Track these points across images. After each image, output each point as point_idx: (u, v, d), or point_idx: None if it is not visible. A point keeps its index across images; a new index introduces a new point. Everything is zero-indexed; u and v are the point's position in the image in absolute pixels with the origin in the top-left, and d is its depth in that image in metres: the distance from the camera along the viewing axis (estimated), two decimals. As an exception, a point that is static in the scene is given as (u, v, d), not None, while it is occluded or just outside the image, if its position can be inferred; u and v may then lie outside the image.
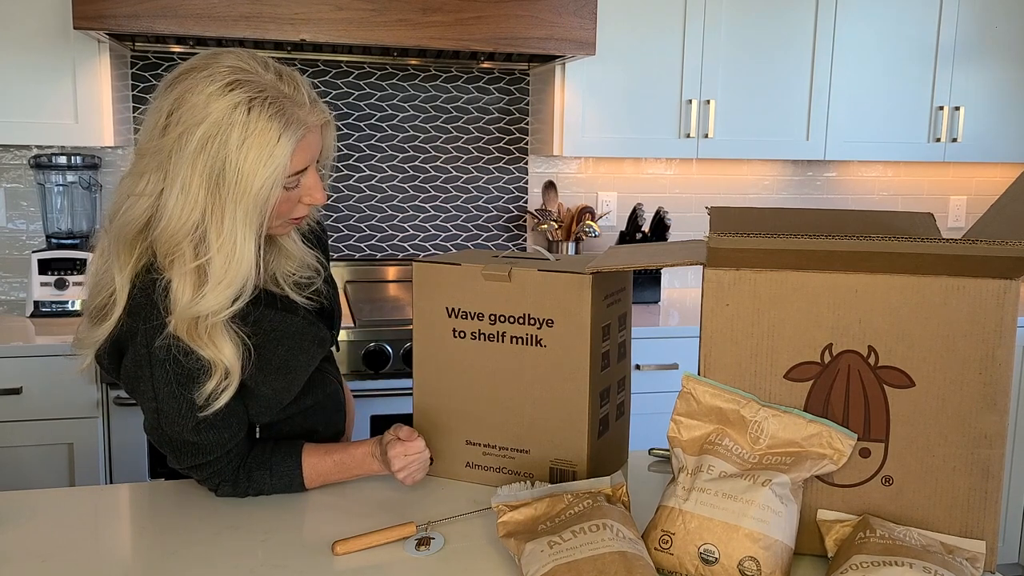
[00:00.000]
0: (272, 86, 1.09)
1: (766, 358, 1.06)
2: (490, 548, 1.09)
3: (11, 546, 1.09)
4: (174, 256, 1.10)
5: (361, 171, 2.84)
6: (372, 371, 2.28)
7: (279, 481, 1.24)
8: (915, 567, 0.91)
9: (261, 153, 1.06)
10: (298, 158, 1.11)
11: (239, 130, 1.06)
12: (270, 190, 1.09)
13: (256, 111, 1.06)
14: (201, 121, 1.06)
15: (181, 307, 1.09)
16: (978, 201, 3.37)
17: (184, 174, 1.07)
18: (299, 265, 1.30)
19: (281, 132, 1.07)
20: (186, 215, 1.08)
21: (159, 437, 1.20)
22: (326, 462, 1.26)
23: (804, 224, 1.11)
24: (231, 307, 1.11)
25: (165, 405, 1.15)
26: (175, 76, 1.11)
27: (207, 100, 1.06)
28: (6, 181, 2.60)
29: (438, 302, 1.28)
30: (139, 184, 1.11)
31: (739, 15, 2.70)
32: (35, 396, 2.13)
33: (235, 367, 1.14)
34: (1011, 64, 2.94)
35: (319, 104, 1.14)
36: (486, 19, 2.32)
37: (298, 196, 1.17)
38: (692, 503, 1.01)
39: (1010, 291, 0.99)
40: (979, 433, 1.02)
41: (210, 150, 1.06)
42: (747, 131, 2.77)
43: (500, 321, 1.25)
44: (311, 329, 1.28)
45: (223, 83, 1.07)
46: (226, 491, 1.24)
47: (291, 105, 1.09)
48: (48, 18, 2.27)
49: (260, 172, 1.07)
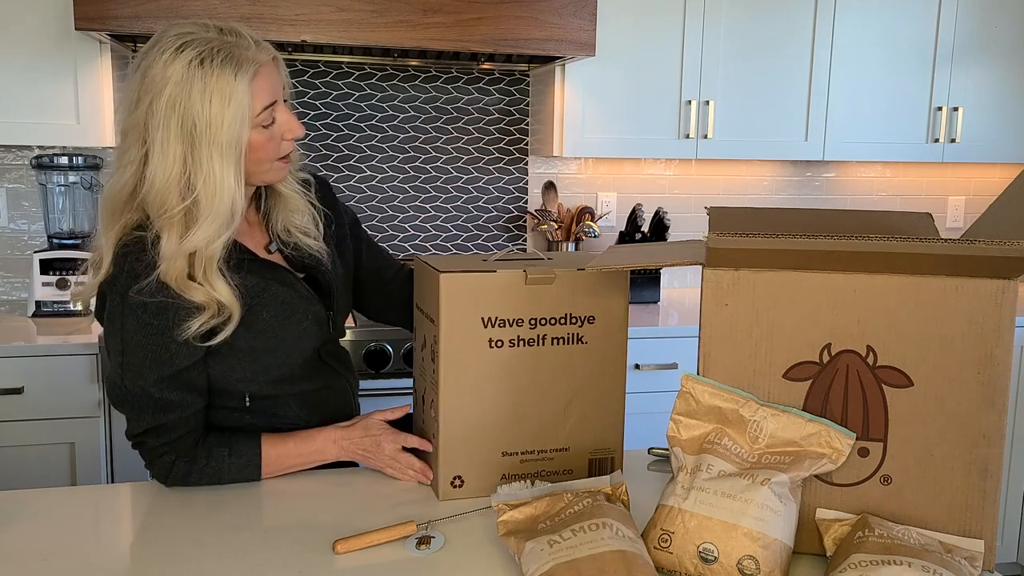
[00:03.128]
0: (216, 39, 1.19)
1: (765, 358, 1.06)
2: (490, 547, 1.10)
3: (12, 545, 1.10)
4: (164, 209, 1.18)
5: (362, 171, 2.84)
6: (373, 371, 2.29)
7: (237, 460, 1.27)
8: (914, 566, 0.92)
9: (223, 97, 1.16)
10: (261, 93, 1.21)
11: (198, 83, 1.16)
12: (240, 127, 1.18)
13: (208, 63, 1.16)
14: (164, 86, 1.16)
15: (172, 250, 1.17)
16: (977, 201, 3.37)
17: (160, 136, 1.17)
18: (306, 216, 1.37)
19: (236, 72, 1.17)
20: (168, 170, 1.17)
21: (120, 394, 1.23)
22: (287, 444, 1.30)
23: (803, 224, 1.11)
24: (223, 236, 1.19)
25: (132, 357, 1.20)
26: (136, 60, 1.22)
27: (164, 67, 1.16)
28: (8, 181, 2.60)
29: (472, 314, 1.22)
30: (123, 157, 1.21)
31: (738, 16, 2.71)
32: (37, 396, 2.14)
33: (232, 303, 1.21)
34: (1010, 64, 2.94)
35: (263, 44, 1.24)
36: (486, 20, 2.32)
37: (279, 133, 1.25)
38: (691, 502, 1.02)
39: (1008, 291, 0.99)
40: (978, 432, 1.02)
41: (178, 109, 1.16)
42: (746, 132, 2.78)
43: (541, 324, 1.25)
44: (302, 303, 1.33)
45: (173, 48, 1.17)
46: (180, 470, 1.25)
47: (238, 49, 1.19)
48: (49, 19, 2.27)
49: (227, 114, 1.17)
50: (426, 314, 1.28)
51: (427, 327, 1.28)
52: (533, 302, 1.24)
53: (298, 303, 1.32)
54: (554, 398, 1.28)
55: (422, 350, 1.32)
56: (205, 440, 1.27)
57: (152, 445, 1.25)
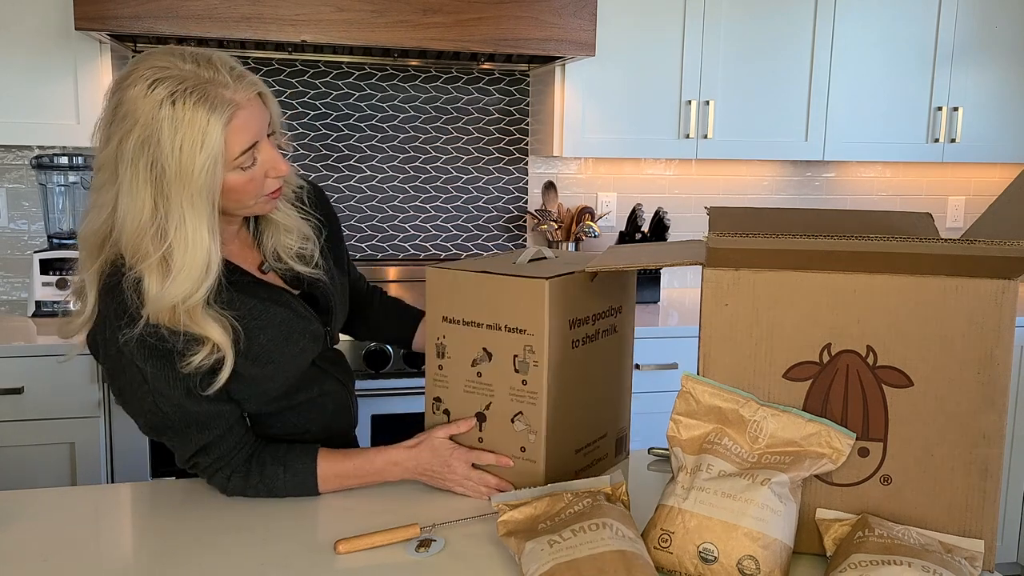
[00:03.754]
0: (193, 75, 1.11)
1: (765, 358, 1.06)
2: (491, 548, 1.10)
3: (13, 545, 1.10)
4: (139, 255, 1.12)
5: (362, 172, 2.84)
6: (373, 371, 2.29)
7: (292, 479, 1.23)
8: (914, 566, 0.92)
9: (194, 140, 1.09)
10: (238, 136, 1.13)
11: (168, 125, 1.08)
12: (211, 174, 1.11)
13: (180, 102, 1.09)
14: (133, 125, 1.09)
15: (152, 298, 1.12)
16: (976, 201, 3.37)
17: (129, 178, 1.10)
18: (299, 237, 1.32)
19: (209, 117, 1.09)
20: (138, 216, 1.11)
21: (160, 421, 1.19)
22: (345, 465, 1.25)
23: (803, 224, 1.11)
24: (200, 290, 1.13)
25: (156, 382, 1.17)
26: (109, 90, 1.14)
27: (134, 104, 1.09)
28: (8, 181, 2.61)
29: (562, 318, 1.20)
30: (98, 197, 1.15)
31: (738, 16, 2.71)
32: (37, 396, 2.14)
33: (224, 342, 1.16)
34: (1010, 64, 2.94)
35: (245, 79, 1.15)
36: (486, 20, 2.32)
37: (262, 172, 1.18)
38: (691, 502, 1.02)
39: (1008, 291, 0.99)
40: (978, 432, 1.02)
41: (147, 150, 1.09)
42: (746, 132, 2.78)
43: (598, 319, 1.28)
44: (300, 322, 1.28)
45: (145, 84, 1.10)
46: (237, 485, 1.22)
47: (214, 88, 1.11)
48: (49, 19, 2.27)
49: (197, 158, 1.09)
50: (496, 326, 1.20)
51: (499, 339, 1.20)
52: (591, 299, 1.26)
53: (295, 323, 1.28)
54: (601, 389, 1.32)
55: (439, 357, 1.26)
56: (259, 455, 1.24)
57: (205, 464, 1.22)
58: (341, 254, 1.46)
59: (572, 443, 1.27)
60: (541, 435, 1.20)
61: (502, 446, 1.24)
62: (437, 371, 1.27)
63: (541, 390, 1.19)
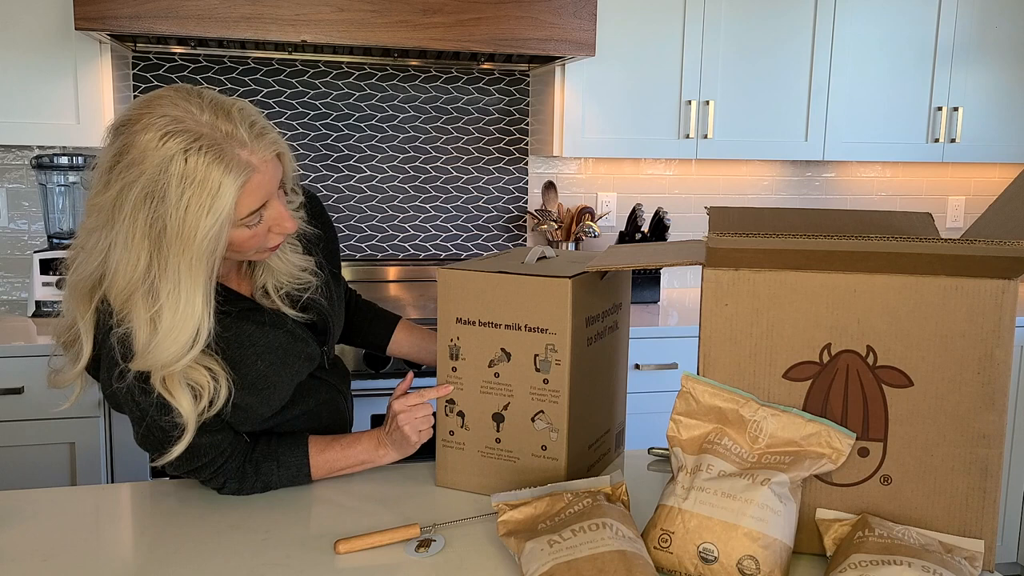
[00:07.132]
0: (209, 129, 1.04)
1: (765, 358, 1.07)
2: (491, 549, 1.10)
3: (13, 545, 1.10)
4: (128, 309, 1.08)
5: (362, 172, 2.84)
6: (372, 371, 2.29)
7: (286, 472, 1.25)
8: (914, 566, 0.92)
9: (201, 203, 1.02)
10: (248, 200, 1.07)
11: (176, 182, 1.02)
12: (216, 239, 1.05)
13: (193, 160, 1.02)
14: (139, 176, 1.02)
15: (137, 355, 1.08)
16: (976, 201, 3.37)
17: (127, 230, 1.04)
18: (289, 277, 1.27)
19: (222, 180, 1.03)
20: (131, 270, 1.05)
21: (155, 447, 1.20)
22: (333, 448, 1.28)
23: (803, 224, 1.11)
24: (184, 359, 1.08)
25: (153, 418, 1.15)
26: (115, 126, 1.08)
27: (143, 154, 1.02)
28: (8, 181, 2.61)
29: (581, 316, 1.20)
30: (89, 240, 1.09)
31: (738, 16, 2.71)
32: (37, 395, 2.14)
33: (189, 416, 1.12)
34: (1010, 64, 2.94)
35: (266, 136, 1.08)
36: (486, 20, 2.32)
37: (266, 228, 1.14)
38: (691, 502, 1.02)
39: (1008, 291, 0.99)
40: (977, 432, 1.02)
41: (150, 205, 1.02)
42: (746, 132, 2.78)
43: (606, 316, 1.29)
44: (297, 345, 1.27)
45: (158, 133, 1.02)
46: (231, 488, 1.25)
47: (231, 146, 1.04)
48: (49, 19, 2.27)
49: (203, 223, 1.03)
50: (515, 326, 1.20)
51: (519, 339, 1.19)
52: (600, 296, 1.27)
53: (292, 346, 1.25)
54: (606, 384, 1.33)
55: (453, 359, 1.25)
56: (251, 456, 1.24)
57: (201, 477, 1.24)
58: (337, 265, 1.45)
59: (587, 439, 1.28)
60: (563, 433, 1.20)
61: (521, 446, 1.23)
62: (451, 373, 1.25)
63: (563, 388, 1.18)
